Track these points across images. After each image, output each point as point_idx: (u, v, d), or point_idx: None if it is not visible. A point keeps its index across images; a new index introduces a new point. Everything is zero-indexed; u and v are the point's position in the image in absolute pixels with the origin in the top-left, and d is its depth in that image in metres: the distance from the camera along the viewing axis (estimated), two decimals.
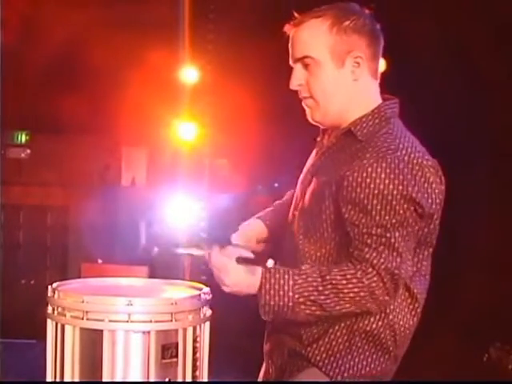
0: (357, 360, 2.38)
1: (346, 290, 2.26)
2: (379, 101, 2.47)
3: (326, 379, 2.39)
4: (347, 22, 2.39)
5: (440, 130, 5.37)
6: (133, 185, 7.18)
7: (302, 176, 2.58)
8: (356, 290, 2.26)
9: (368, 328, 2.38)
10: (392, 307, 2.38)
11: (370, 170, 2.28)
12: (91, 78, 6.31)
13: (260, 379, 2.66)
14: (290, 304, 2.28)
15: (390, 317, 2.39)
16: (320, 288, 2.27)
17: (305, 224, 2.45)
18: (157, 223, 6.37)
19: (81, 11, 6.14)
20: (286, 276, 2.29)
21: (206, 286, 2.48)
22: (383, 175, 2.26)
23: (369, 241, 2.27)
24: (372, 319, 2.38)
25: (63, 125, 6.73)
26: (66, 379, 2.27)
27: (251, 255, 2.38)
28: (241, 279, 2.31)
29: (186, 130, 6.39)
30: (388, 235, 2.26)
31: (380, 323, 2.38)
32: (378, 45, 2.48)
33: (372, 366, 2.39)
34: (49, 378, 2.34)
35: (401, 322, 2.41)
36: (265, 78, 2.38)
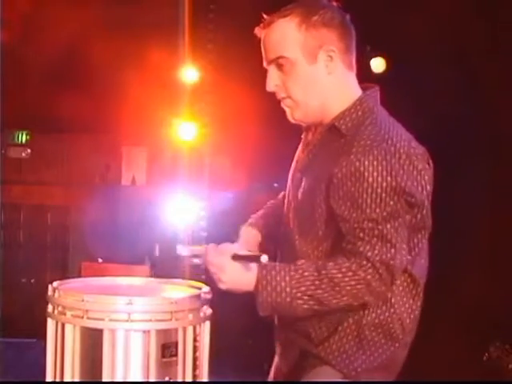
0: (368, 353, 2.39)
1: (342, 284, 2.27)
2: (359, 92, 2.46)
3: (340, 376, 2.40)
4: (315, 17, 2.38)
5: (440, 129, 5.38)
6: (133, 184, 7.19)
7: (290, 174, 2.58)
8: (352, 282, 2.27)
9: (376, 321, 2.39)
10: (396, 296, 2.39)
11: (357, 164, 2.27)
12: (91, 77, 6.31)
13: (271, 378, 2.67)
14: (288, 300, 2.29)
15: (396, 306, 2.40)
16: (317, 282, 2.27)
17: (299, 224, 2.45)
18: (157, 223, 6.37)
19: (81, 11, 6.14)
20: (283, 272, 2.30)
21: (206, 285, 2.48)
22: (371, 168, 2.26)
23: (361, 234, 2.27)
24: (379, 311, 2.39)
25: (64, 124, 6.74)
26: (66, 378, 2.27)
27: (247, 252, 2.39)
28: (237, 277, 2.32)
29: (186, 130, 6.39)
30: (380, 227, 2.26)
31: (387, 313, 2.39)
32: (350, 37, 2.45)
33: (384, 356, 2.40)
34: (49, 377, 2.34)
35: (408, 310, 2.42)
36: (265, 77, 2.39)
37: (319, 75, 2.41)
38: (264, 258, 2.28)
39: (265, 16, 2.46)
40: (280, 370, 2.60)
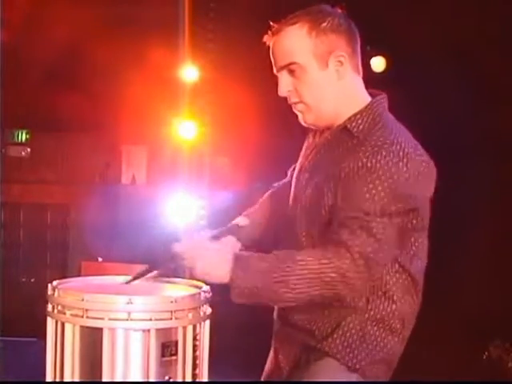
0: (371, 347, 2.43)
1: (315, 271, 2.27)
2: (368, 96, 2.51)
3: (344, 369, 2.43)
4: (324, 24, 2.44)
5: (440, 129, 5.38)
6: (133, 183, 7.19)
7: (296, 174, 2.61)
8: (327, 270, 2.26)
9: (378, 316, 2.43)
10: (398, 293, 2.44)
11: (364, 160, 2.32)
12: (91, 76, 6.32)
13: (265, 375, 2.67)
14: (260, 285, 2.28)
15: (398, 302, 2.44)
16: (288, 269, 2.27)
17: (307, 222, 2.47)
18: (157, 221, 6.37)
19: (81, 10, 6.15)
20: (256, 257, 2.32)
21: (206, 284, 2.48)
22: (378, 165, 2.30)
23: (348, 222, 2.29)
24: (381, 307, 2.43)
25: (63, 123, 6.75)
26: (66, 378, 2.27)
27: (220, 235, 2.41)
28: (211, 261, 2.32)
29: (186, 129, 6.40)
30: (368, 219, 2.28)
31: (389, 309, 2.43)
32: (356, 41, 2.51)
33: (385, 350, 2.45)
34: (49, 377, 2.34)
35: (407, 306, 2.47)
36: (264, 76, 2.40)
37: (330, 80, 2.46)
38: (242, 220, 2.28)
39: (272, 24, 2.50)
40: (278, 366, 2.60)
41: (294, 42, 2.45)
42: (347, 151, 2.41)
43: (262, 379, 2.70)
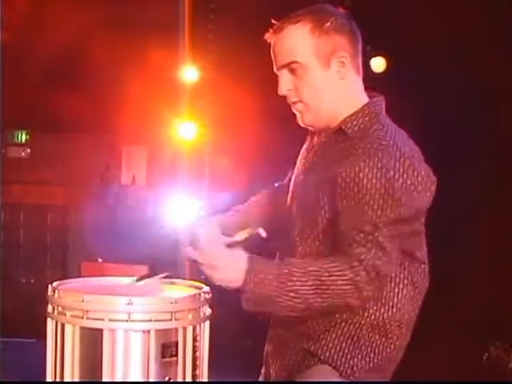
0: (365, 353, 2.40)
1: (328, 282, 2.26)
2: (365, 98, 2.50)
3: (336, 374, 2.41)
4: (328, 24, 2.43)
5: (440, 129, 5.37)
6: (133, 184, 7.19)
7: (293, 177, 2.61)
8: (339, 282, 2.26)
9: (375, 322, 2.41)
10: (397, 299, 2.42)
11: (362, 164, 2.30)
12: (92, 77, 6.32)
13: (262, 376, 2.67)
14: (274, 294, 2.27)
15: (394, 309, 2.42)
16: (303, 279, 2.26)
17: (302, 225, 2.46)
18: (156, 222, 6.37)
19: (81, 11, 6.15)
20: (270, 265, 2.31)
21: (206, 285, 2.48)
22: (374, 171, 2.28)
23: (357, 237, 2.28)
24: (378, 313, 2.41)
25: (63, 124, 6.75)
26: (66, 378, 2.27)
27: (242, 234, 2.40)
28: (227, 270, 2.29)
29: (186, 129, 6.40)
30: (376, 233, 2.27)
31: (386, 315, 2.41)
32: (358, 42, 2.50)
33: (379, 356, 2.42)
34: (49, 377, 2.34)
35: (405, 314, 2.44)
36: (265, 76, 2.40)
37: (331, 81, 2.45)
38: (262, 232, 2.29)
39: (274, 22, 2.49)
40: (271, 369, 2.59)
41: (296, 40, 2.43)
42: (342, 153, 2.39)
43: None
